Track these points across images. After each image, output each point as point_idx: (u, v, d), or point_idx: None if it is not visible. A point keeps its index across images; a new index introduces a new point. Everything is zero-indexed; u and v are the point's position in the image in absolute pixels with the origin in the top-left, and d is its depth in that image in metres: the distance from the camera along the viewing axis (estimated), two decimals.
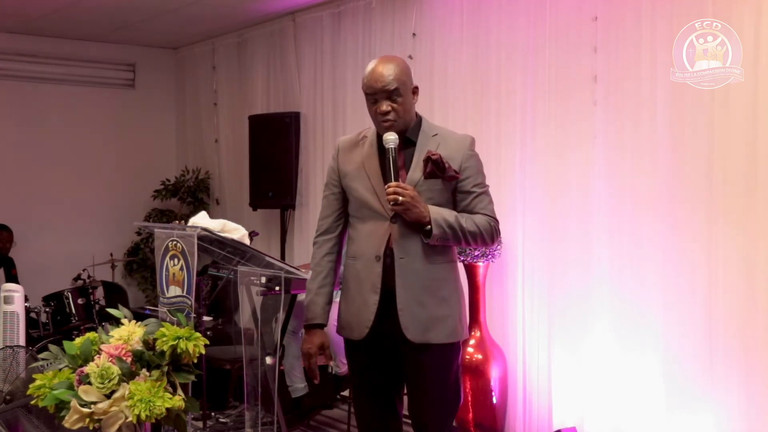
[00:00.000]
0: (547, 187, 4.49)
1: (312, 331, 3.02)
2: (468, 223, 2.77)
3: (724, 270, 3.72)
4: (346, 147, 2.98)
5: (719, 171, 3.74)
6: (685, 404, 3.85)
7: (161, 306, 3.51)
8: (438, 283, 2.82)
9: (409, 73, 2.83)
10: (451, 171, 2.79)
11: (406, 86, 2.80)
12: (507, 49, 4.69)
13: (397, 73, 2.78)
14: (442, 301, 2.82)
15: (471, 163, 2.85)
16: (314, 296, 3.02)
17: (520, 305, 4.60)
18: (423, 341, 2.79)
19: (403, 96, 2.79)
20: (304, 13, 6.29)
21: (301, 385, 4.88)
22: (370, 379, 2.97)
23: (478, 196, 2.83)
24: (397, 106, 2.79)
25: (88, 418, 2.71)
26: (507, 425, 4.66)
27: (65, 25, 6.84)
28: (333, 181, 2.99)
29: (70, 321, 5.99)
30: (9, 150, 7.18)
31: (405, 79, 2.79)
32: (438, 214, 2.76)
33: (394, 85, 2.76)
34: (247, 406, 4.08)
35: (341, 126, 5.94)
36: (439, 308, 2.81)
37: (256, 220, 6.66)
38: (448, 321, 2.82)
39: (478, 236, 2.80)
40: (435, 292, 2.81)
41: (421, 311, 2.79)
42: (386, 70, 2.78)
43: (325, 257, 3.05)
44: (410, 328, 2.79)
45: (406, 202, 2.71)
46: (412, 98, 2.85)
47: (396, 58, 2.87)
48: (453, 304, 2.84)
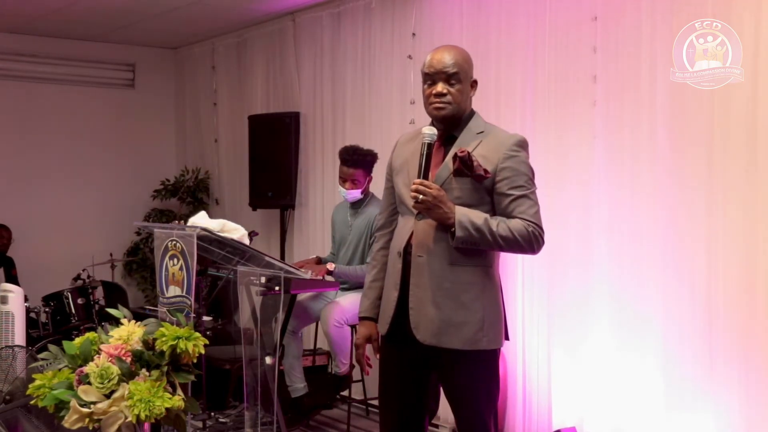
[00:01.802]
0: (547, 186, 4.47)
1: (362, 323, 2.97)
2: (501, 228, 2.64)
3: (724, 270, 3.72)
4: (403, 141, 2.96)
5: (719, 171, 3.73)
6: (684, 404, 3.85)
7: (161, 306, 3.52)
8: (460, 287, 2.71)
9: (471, 63, 2.81)
10: (480, 170, 2.67)
11: (467, 74, 2.78)
12: (507, 49, 4.69)
13: (458, 59, 2.77)
14: (462, 306, 2.70)
15: (509, 164, 2.70)
16: (366, 290, 2.98)
17: (520, 305, 4.60)
18: (434, 344, 2.71)
19: (462, 83, 2.76)
20: (303, 13, 6.29)
21: (301, 385, 4.88)
22: (393, 381, 2.89)
23: (517, 200, 2.68)
24: (454, 90, 2.75)
25: (87, 418, 2.72)
26: (507, 425, 4.66)
27: (65, 25, 6.84)
28: (387, 176, 2.99)
29: (69, 321, 6.00)
30: (9, 150, 7.18)
31: (466, 68, 2.78)
32: (464, 215, 2.65)
33: (454, 69, 2.74)
34: (246, 406, 4.08)
35: (341, 126, 5.94)
36: (456, 313, 2.69)
37: (255, 220, 6.66)
38: (464, 327, 2.69)
39: (512, 242, 2.65)
40: (454, 296, 2.70)
41: (435, 313, 2.71)
42: (448, 54, 2.77)
43: (379, 251, 2.98)
44: (420, 329, 2.72)
45: (427, 201, 2.64)
46: (470, 90, 2.81)
47: (459, 48, 2.85)
48: (475, 311, 2.70)
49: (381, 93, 5.53)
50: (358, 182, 4.76)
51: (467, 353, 2.71)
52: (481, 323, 2.71)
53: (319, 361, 5.40)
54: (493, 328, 2.75)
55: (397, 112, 5.32)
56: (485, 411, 2.79)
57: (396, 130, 4.99)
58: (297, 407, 4.90)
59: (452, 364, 2.75)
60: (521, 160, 2.73)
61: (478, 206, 2.71)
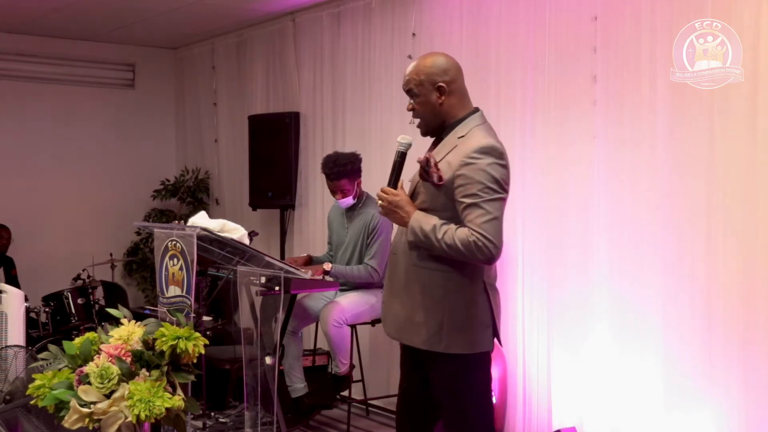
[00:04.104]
0: (547, 186, 4.49)
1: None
2: (446, 236, 2.63)
3: (724, 270, 3.72)
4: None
5: (719, 171, 3.73)
6: (684, 404, 3.85)
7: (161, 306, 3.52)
8: (421, 289, 2.75)
9: (430, 70, 2.79)
10: (434, 177, 2.71)
11: (423, 86, 2.78)
12: (506, 49, 4.69)
13: (412, 74, 2.81)
14: (421, 308, 2.74)
15: (464, 171, 2.65)
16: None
17: (520, 305, 4.60)
18: (397, 339, 2.88)
19: (420, 95, 2.80)
20: (303, 13, 6.29)
21: (301, 385, 4.88)
22: (402, 380, 3.01)
23: (467, 208, 2.63)
24: (416, 104, 2.82)
25: (87, 418, 2.72)
26: (507, 425, 4.66)
27: (65, 25, 6.84)
28: None
29: (69, 321, 6.00)
30: (9, 150, 7.18)
31: (421, 78, 2.78)
32: (417, 221, 2.72)
33: (408, 86, 2.83)
34: (246, 406, 4.08)
35: (341, 126, 5.94)
36: (417, 313, 2.75)
37: (255, 220, 6.66)
38: (422, 328, 2.74)
39: (456, 250, 2.61)
40: (415, 296, 2.76)
41: (399, 309, 2.82)
42: (407, 71, 2.84)
43: None
44: (387, 323, 2.90)
45: (384, 206, 2.80)
46: (435, 98, 2.79)
47: (422, 59, 2.85)
48: (436, 314, 2.72)
49: (381, 93, 5.53)
50: (347, 191, 4.79)
51: (437, 354, 2.76)
52: (438, 327, 2.72)
53: (319, 361, 5.40)
54: (454, 334, 2.72)
55: (397, 112, 5.31)
56: (459, 413, 2.81)
57: (396, 130, 4.98)
58: (297, 407, 4.90)
59: (428, 363, 2.83)
60: (478, 167, 2.64)
61: (442, 211, 2.73)
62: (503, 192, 2.67)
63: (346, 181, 4.77)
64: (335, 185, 4.79)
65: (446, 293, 2.73)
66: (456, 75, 2.82)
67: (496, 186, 2.65)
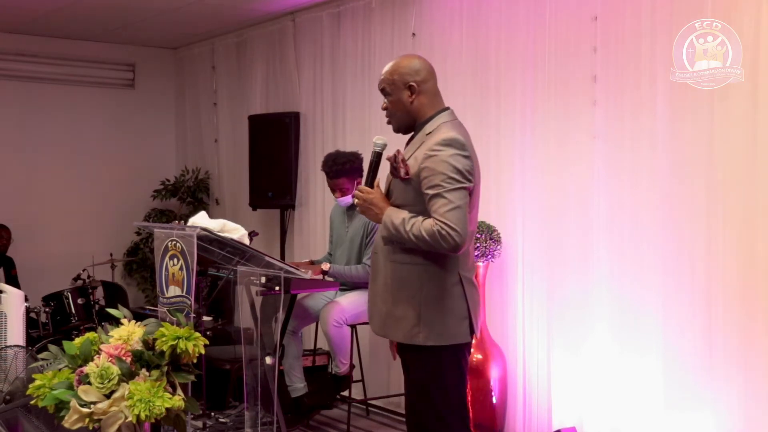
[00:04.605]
0: (547, 186, 4.49)
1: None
2: (414, 227, 2.71)
3: (724, 269, 3.72)
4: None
5: (719, 171, 3.73)
6: (684, 404, 3.85)
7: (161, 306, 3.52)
8: (398, 284, 2.83)
9: (402, 71, 2.89)
10: (401, 172, 2.81)
11: (395, 84, 2.90)
12: (506, 49, 4.69)
13: (385, 74, 2.93)
14: (400, 302, 2.82)
15: (427, 164, 2.74)
16: None
17: (520, 305, 4.60)
18: (382, 335, 2.95)
19: (392, 94, 2.92)
20: (303, 13, 6.29)
21: (301, 385, 4.88)
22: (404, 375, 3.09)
23: (432, 198, 2.71)
24: (388, 103, 2.95)
25: (87, 418, 2.72)
26: (507, 425, 4.66)
27: (65, 25, 6.84)
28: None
29: (69, 321, 6.00)
30: (9, 150, 7.18)
31: (394, 78, 2.90)
32: (389, 216, 2.82)
33: (381, 86, 2.95)
34: (246, 406, 4.08)
35: (341, 126, 5.94)
36: (396, 308, 2.83)
37: (255, 220, 6.66)
38: (403, 321, 2.82)
39: (423, 241, 2.70)
40: (393, 292, 2.84)
41: (381, 305, 2.89)
42: (382, 71, 2.95)
43: None
44: (373, 320, 2.97)
45: (360, 204, 2.90)
46: (406, 96, 2.89)
47: (396, 60, 2.96)
48: (412, 307, 2.79)
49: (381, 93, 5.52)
50: (346, 189, 4.80)
51: (413, 348, 2.83)
52: (417, 319, 2.80)
53: (319, 361, 5.40)
54: (430, 326, 2.79)
55: None
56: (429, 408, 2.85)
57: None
58: (297, 407, 4.90)
59: (405, 357, 2.93)
60: (440, 159, 2.73)
61: (413, 205, 2.81)
62: (466, 182, 2.74)
63: (345, 180, 4.78)
64: (334, 183, 4.81)
65: (421, 286, 2.80)
66: (428, 76, 2.92)
67: (459, 176, 2.72)
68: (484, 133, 4.75)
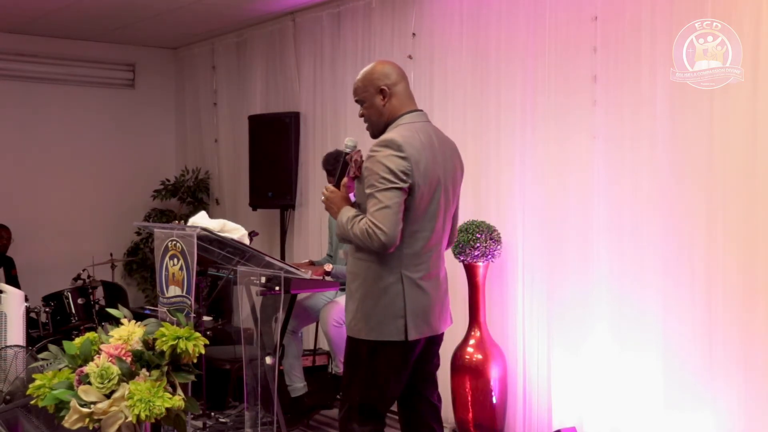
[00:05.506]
0: (547, 186, 4.49)
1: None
2: (354, 226, 2.83)
3: (724, 269, 3.72)
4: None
5: (719, 171, 3.73)
6: (684, 404, 3.85)
7: (161, 306, 3.52)
8: (350, 277, 2.98)
9: (373, 76, 2.96)
10: (351, 171, 2.94)
11: (367, 92, 2.96)
12: (507, 49, 4.69)
13: (357, 83, 3.00)
14: (349, 295, 2.97)
15: (367, 164, 2.87)
16: None
17: (520, 305, 4.60)
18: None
19: (366, 101, 2.98)
20: (303, 13, 6.29)
21: (301, 385, 4.88)
22: None
23: (368, 198, 2.83)
24: (364, 111, 3.00)
25: (87, 418, 2.72)
26: (507, 425, 4.66)
27: (65, 25, 6.84)
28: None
29: (69, 321, 5.99)
30: (9, 150, 7.17)
31: (365, 85, 2.96)
32: (342, 214, 2.92)
33: (356, 96, 3.01)
34: (246, 406, 4.09)
35: (341, 126, 5.94)
36: (348, 301, 2.97)
37: (255, 220, 6.66)
38: (348, 314, 2.96)
39: (358, 239, 2.82)
40: (347, 285, 2.99)
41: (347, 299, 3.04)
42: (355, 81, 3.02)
43: None
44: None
45: (323, 202, 3.05)
46: (379, 101, 2.94)
47: (366, 69, 3.01)
48: (354, 300, 2.93)
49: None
50: (348, 188, 4.78)
51: (354, 340, 2.95)
52: (355, 312, 2.92)
53: (319, 361, 5.40)
54: (365, 320, 2.88)
55: None
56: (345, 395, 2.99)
57: None
58: (297, 407, 4.90)
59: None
60: (376, 159, 2.82)
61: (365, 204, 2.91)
62: (399, 182, 2.78)
63: (346, 178, 4.77)
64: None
65: (363, 281, 2.91)
66: (398, 79, 2.97)
67: (391, 176, 2.78)
68: (484, 133, 4.75)
